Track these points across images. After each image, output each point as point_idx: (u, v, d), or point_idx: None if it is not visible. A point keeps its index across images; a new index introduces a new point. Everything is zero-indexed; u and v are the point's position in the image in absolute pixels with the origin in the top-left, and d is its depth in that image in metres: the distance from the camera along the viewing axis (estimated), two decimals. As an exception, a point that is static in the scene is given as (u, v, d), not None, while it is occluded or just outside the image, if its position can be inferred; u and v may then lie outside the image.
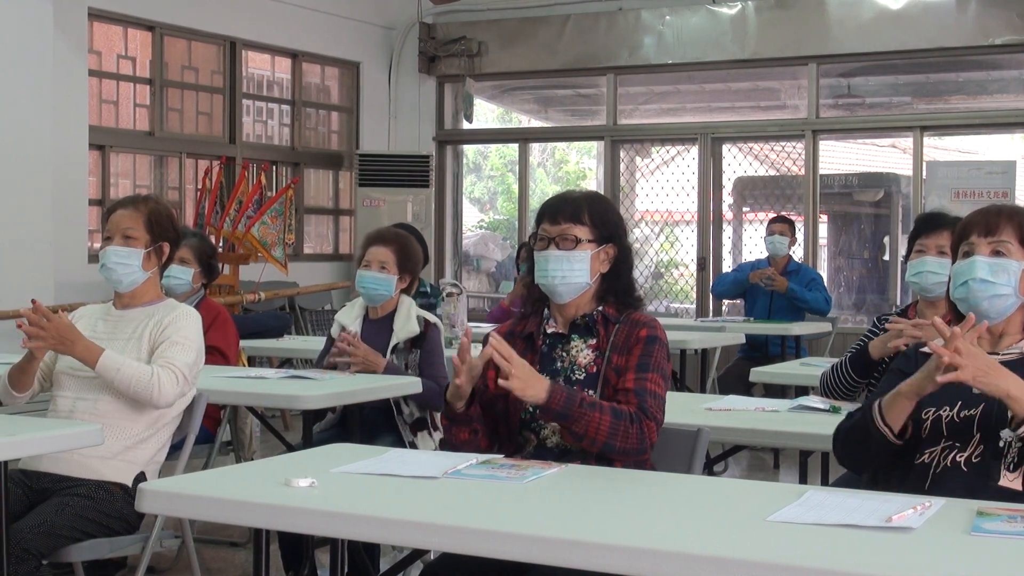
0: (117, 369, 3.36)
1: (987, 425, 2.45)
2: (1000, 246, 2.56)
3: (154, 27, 8.55)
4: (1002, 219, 2.58)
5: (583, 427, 2.68)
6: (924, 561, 1.89)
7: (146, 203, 3.64)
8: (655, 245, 10.31)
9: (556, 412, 2.67)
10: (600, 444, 2.69)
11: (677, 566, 1.91)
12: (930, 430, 2.50)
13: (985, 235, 2.58)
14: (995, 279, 2.53)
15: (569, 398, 2.68)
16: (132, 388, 3.37)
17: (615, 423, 2.69)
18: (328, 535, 2.50)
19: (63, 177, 7.44)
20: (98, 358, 3.36)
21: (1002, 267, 2.54)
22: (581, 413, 2.67)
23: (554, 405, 2.66)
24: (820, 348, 7.88)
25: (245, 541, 5.02)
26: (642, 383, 2.78)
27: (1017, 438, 2.40)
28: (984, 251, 2.57)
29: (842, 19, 9.06)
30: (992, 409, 2.45)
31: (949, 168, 8.98)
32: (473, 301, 10.42)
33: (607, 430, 2.68)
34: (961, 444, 2.47)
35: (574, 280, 2.87)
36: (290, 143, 9.92)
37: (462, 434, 2.83)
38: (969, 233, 2.61)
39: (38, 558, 3.13)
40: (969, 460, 2.45)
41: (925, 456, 2.50)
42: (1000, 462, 2.43)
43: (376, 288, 4.49)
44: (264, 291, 7.98)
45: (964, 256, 2.61)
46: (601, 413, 2.69)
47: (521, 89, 11.26)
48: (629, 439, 2.70)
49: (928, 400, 2.49)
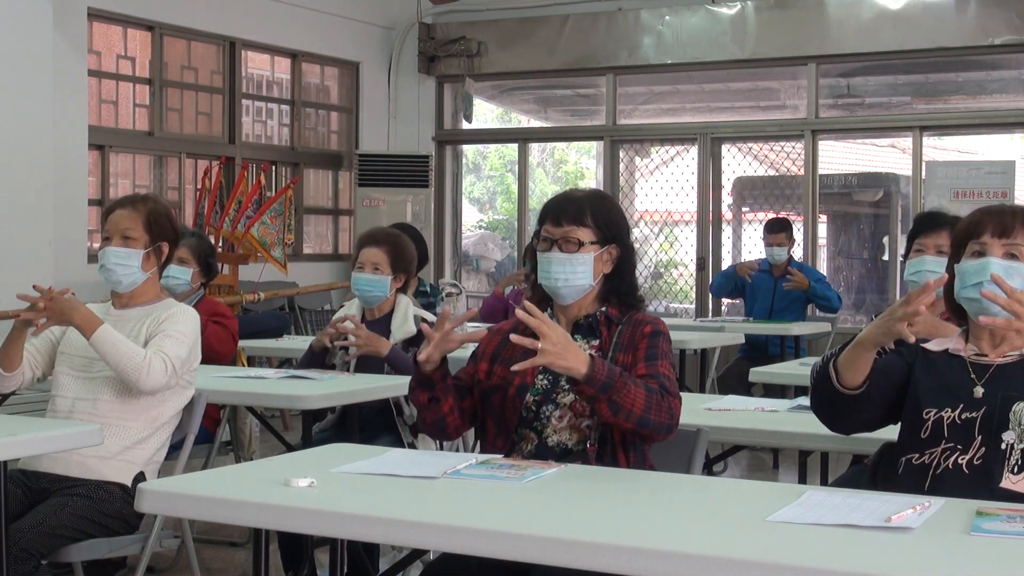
0: (112, 344, 3.36)
1: (988, 428, 2.43)
2: (1014, 248, 2.50)
3: (154, 27, 8.55)
4: (1017, 221, 2.52)
5: (623, 398, 2.61)
6: (923, 561, 1.89)
7: (144, 203, 3.64)
8: (654, 245, 10.31)
9: (602, 382, 2.60)
10: (636, 418, 2.64)
11: (676, 566, 1.91)
12: (931, 431, 2.47)
13: (999, 236, 2.51)
14: (1010, 282, 2.44)
15: (610, 368, 2.63)
16: (122, 365, 3.36)
17: (649, 396, 2.66)
18: (327, 535, 2.50)
19: (63, 177, 7.44)
20: (95, 329, 3.36)
21: (1016, 271, 2.48)
22: (623, 383, 2.62)
23: (599, 375, 2.60)
24: (820, 348, 7.88)
25: (245, 541, 5.02)
26: (655, 368, 2.78)
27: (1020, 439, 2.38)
28: (997, 252, 2.50)
29: (842, 19, 9.06)
30: (994, 411, 2.43)
31: (948, 168, 8.97)
32: (472, 301, 10.41)
33: (643, 403, 2.64)
34: (963, 446, 2.44)
35: (577, 282, 2.87)
36: (290, 143, 9.92)
37: (422, 396, 2.85)
38: (981, 232, 2.53)
39: (37, 558, 3.13)
40: (971, 462, 2.43)
41: (925, 456, 2.48)
42: (1003, 465, 2.40)
43: (371, 289, 4.49)
44: (263, 291, 7.98)
45: (974, 256, 2.53)
46: (636, 387, 2.65)
47: (520, 89, 11.25)
48: (662, 412, 2.67)
49: (929, 400, 2.47)
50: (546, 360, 2.58)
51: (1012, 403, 2.43)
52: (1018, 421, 2.41)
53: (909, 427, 2.53)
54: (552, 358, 2.58)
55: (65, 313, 3.36)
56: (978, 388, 2.46)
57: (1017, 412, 2.42)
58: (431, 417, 2.88)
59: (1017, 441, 2.40)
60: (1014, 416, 2.42)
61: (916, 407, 2.50)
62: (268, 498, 2.30)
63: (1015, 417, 2.42)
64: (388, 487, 2.42)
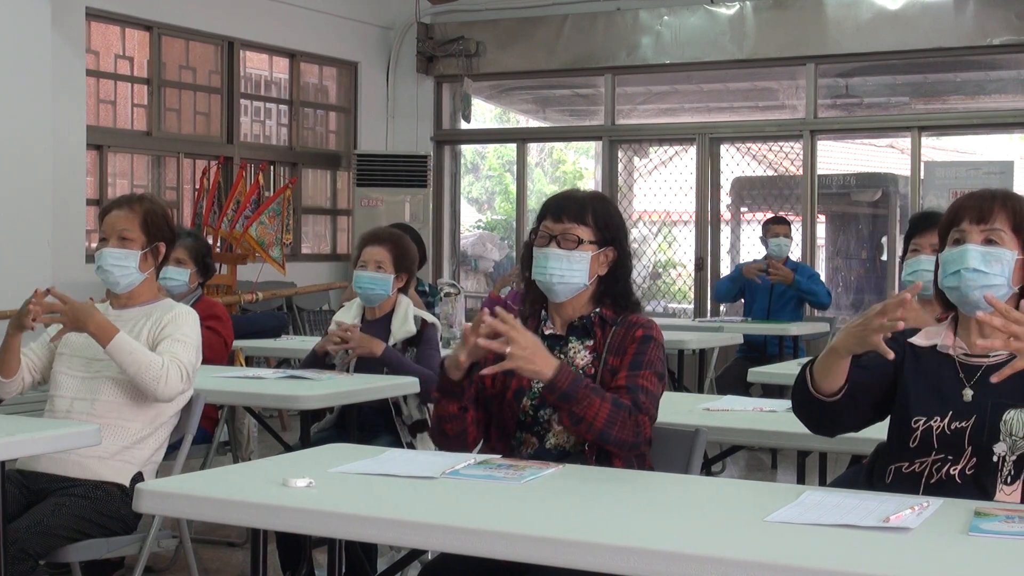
0: (130, 352, 3.34)
1: (978, 438, 2.36)
2: (993, 234, 2.42)
3: (152, 27, 8.55)
4: (995, 205, 2.44)
5: (584, 410, 2.66)
6: (922, 561, 1.89)
7: (141, 203, 3.63)
8: (653, 245, 10.32)
9: (562, 391, 2.65)
10: (597, 431, 2.68)
11: (674, 566, 1.91)
12: (920, 440, 2.41)
13: (977, 222, 2.43)
14: (988, 269, 2.39)
15: (576, 378, 2.67)
16: (140, 374, 3.35)
17: (614, 411, 2.68)
18: (325, 535, 2.49)
19: (61, 177, 7.44)
20: (111, 338, 3.35)
21: (995, 256, 2.40)
22: (585, 395, 2.66)
23: (560, 383, 2.65)
24: (818, 348, 7.78)
25: (243, 541, 5.02)
26: (634, 379, 2.77)
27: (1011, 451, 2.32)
28: (976, 239, 2.42)
29: (840, 19, 9.06)
30: (984, 421, 2.37)
31: (947, 168, 8.98)
32: (471, 301, 10.41)
33: (606, 417, 2.67)
34: (953, 457, 2.38)
35: (572, 280, 2.87)
36: (288, 143, 9.92)
37: (451, 407, 2.79)
38: (960, 219, 2.46)
39: (35, 558, 3.13)
40: (963, 472, 2.37)
41: (915, 466, 2.42)
42: (995, 476, 2.34)
43: (373, 288, 4.49)
44: (262, 291, 7.98)
45: (954, 244, 2.46)
46: (602, 400, 2.68)
47: (519, 89, 11.26)
48: (626, 429, 2.69)
49: (918, 407, 2.41)
50: (515, 364, 2.62)
51: (1002, 411, 2.35)
52: (1009, 431, 2.35)
53: (898, 434, 2.46)
54: (520, 362, 2.62)
55: (80, 320, 3.35)
56: (967, 391, 2.40)
57: (1008, 422, 2.35)
58: (455, 429, 2.81)
59: (1009, 453, 2.34)
60: (1005, 426, 2.35)
61: (905, 413, 2.44)
62: (266, 498, 2.29)
63: (1006, 427, 2.35)
64: (386, 487, 2.41)
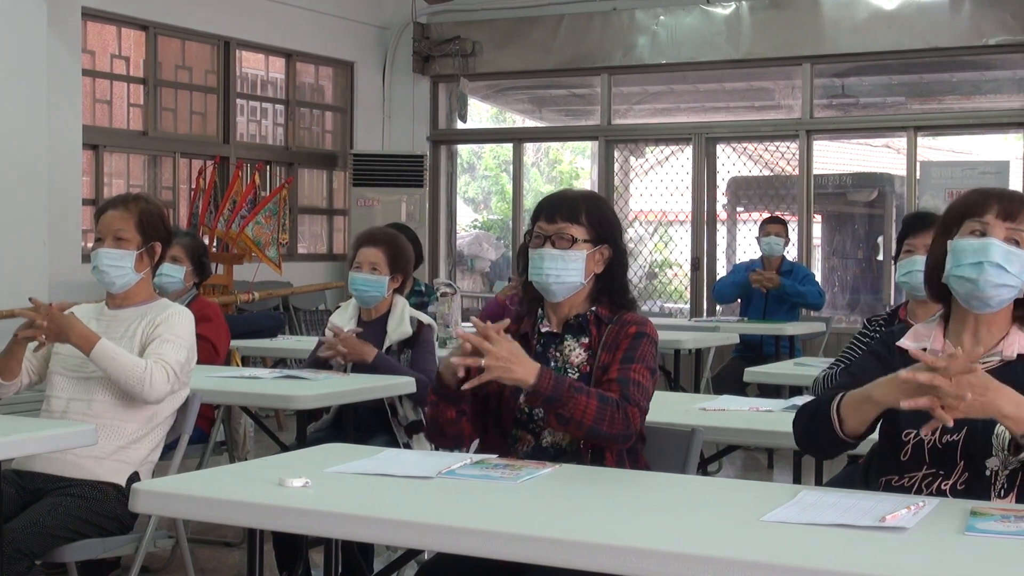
0: (112, 358, 3.36)
1: (970, 452, 2.32)
2: (1016, 234, 2.36)
3: (148, 27, 8.54)
4: (1022, 207, 2.38)
5: (570, 410, 2.66)
6: (918, 561, 1.89)
7: (136, 203, 3.63)
8: (649, 245, 10.32)
9: (545, 396, 2.65)
10: (586, 429, 2.68)
11: (671, 566, 1.91)
12: (911, 454, 2.37)
13: (1004, 219, 2.37)
14: (1009, 268, 2.33)
15: (558, 381, 2.67)
16: (124, 379, 3.37)
17: (602, 407, 2.68)
18: (322, 535, 2.49)
19: (57, 177, 7.42)
20: (94, 345, 3.36)
21: (1017, 257, 2.35)
22: (570, 396, 2.66)
23: (543, 388, 2.64)
24: (814, 348, 7.89)
25: (239, 541, 5.01)
26: (626, 372, 2.78)
27: (1004, 465, 2.29)
28: (999, 235, 2.36)
29: (836, 19, 9.07)
30: (976, 435, 2.31)
31: (943, 168, 8.99)
32: (467, 301, 10.42)
33: (593, 414, 2.67)
34: (945, 472, 2.34)
35: (568, 279, 2.87)
36: (284, 143, 9.91)
37: (449, 412, 2.80)
38: (984, 211, 2.38)
39: (31, 558, 3.13)
40: (954, 487, 2.33)
41: (905, 480, 2.39)
42: (988, 491, 2.30)
43: (368, 289, 4.48)
44: (258, 291, 7.98)
45: (973, 234, 2.38)
46: (588, 397, 2.68)
47: (515, 89, 11.25)
48: (615, 424, 2.69)
49: (908, 419, 2.34)
50: (493, 375, 2.61)
51: (994, 424, 2.29)
52: (1002, 446, 2.31)
53: (889, 446, 2.42)
54: (499, 372, 2.61)
55: (63, 332, 3.37)
56: None
57: (1000, 436, 2.30)
58: (452, 431, 2.83)
59: (1002, 468, 2.31)
60: (997, 440, 2.31)
61: (895, 425, 2.39)
62: (262, 498, 2.29)
63: (998, 441, 2.31)
64: (383, 487, 2.41)
